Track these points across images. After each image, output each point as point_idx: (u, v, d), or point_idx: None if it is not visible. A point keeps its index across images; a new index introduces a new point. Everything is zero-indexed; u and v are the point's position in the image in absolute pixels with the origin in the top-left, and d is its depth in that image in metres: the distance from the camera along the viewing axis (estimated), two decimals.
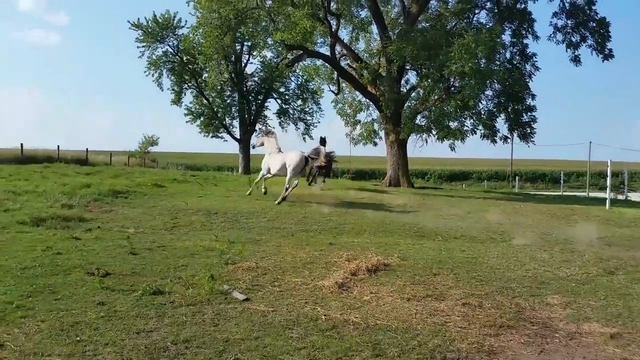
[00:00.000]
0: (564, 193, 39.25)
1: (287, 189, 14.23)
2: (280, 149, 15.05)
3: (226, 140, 42.24)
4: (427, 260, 7.76)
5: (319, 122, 44.85)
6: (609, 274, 7.37)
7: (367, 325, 4.81)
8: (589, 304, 5.77)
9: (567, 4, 22.44)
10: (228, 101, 41.06)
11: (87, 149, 31.69)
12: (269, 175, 15.02)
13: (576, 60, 22.84)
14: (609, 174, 18.16)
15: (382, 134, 26.01)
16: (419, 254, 8.26)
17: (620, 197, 26.54)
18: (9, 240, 8.01)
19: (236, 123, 41.25)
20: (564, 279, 6.97)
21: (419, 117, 22.65)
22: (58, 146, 29.31)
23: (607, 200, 18.04)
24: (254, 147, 16.23)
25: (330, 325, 4.75)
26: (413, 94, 24.56)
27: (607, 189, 18.59)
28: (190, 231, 9.85)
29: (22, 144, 26.47)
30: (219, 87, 38.55)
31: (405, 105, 24.07)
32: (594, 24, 21.71)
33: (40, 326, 4.50)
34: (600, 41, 21.70)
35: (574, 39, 22.47)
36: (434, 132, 21.60)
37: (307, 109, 42.09)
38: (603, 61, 22.00)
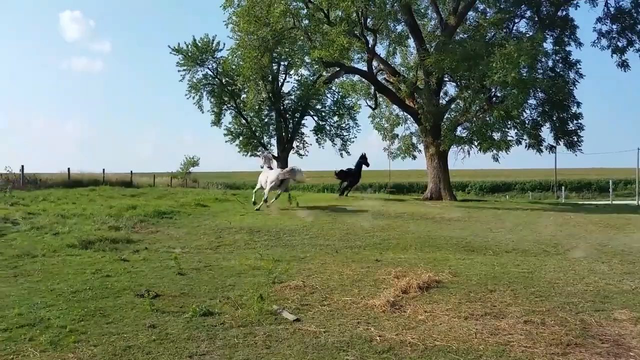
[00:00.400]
0: (614, 202, 37.60)
1: (265, 200, 16.30)
2: (270, 167, 17.60)
3: None
4: (480, 276, 7.45)
5: (356, 138, 44.84)
6: None
7: (425, 346, 4.59)
8: None
9: (611, 9, 21.67)
10: (266, 120, 41.59)
11: (131, 171, 32.45)
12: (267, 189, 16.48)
13: (624, 65, 21.96)
14: (637, 179, 17.21)
15: (420, 147, 25.63)
16: (471, 270, 7.95)
17: None
18: (60, 263, 8.19)
19: (274, 141, 41.68)
20: (629, 293, 6.54)
21: (459, 128, 22.20)
22: (103, 169, 30.13)
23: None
24: (261, 167, 17.79)
25: (386, 347, 4.56)
26: (453, 106, 24.14)
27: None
28: (234, 250, 9.85)
29: (69, 169, 27.33)
30: (257, 107, 39.11)
31: (445, 117, 23.68)
32: None
33: (94, 351, 4.49)
34: None
35: (620, 44, 21.63)
36: (475, 144, 21.11)
37: (343, 125, 42.10)
38: None
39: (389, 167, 29.61)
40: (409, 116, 25.48)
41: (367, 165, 21.24)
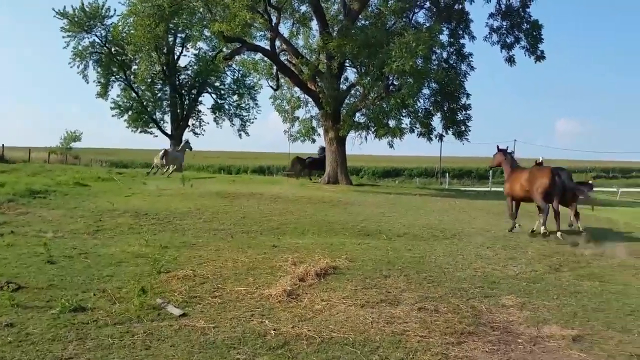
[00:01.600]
0: (492, 189, 40.84)
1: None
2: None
3: (156, 136, 40.44)
4: (375, 262, 7.43)
5: (256, 119, 43.88)
6: (555, 271, 7.37)
7: (321, 339, 4.35)
8: (543, 304, 5.63)
9: (502, 6, 23.06)
10: (159, 95, 39.29)
11: (2, 144, 28.93)
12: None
13: (511, 60, 23.58)
14: None
15: (321, 131, 25.72)
16: (367, 255, 7.92)
17: None
18: None
19: (168, 118, 39.53)
20: (514, 278, 6.86)
21: (358, 114, 22.53)
22: None
23: None
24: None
25: (280, 342, 4.25)
26: (352, 91, 24.42)
27: None
28: (116, 235, 8.96)
29: None
30: (149, 80, 36.79)
31: (345, 102, 23.88)
32: (528, 26, 22.47)
33: None
34: (532, 43, 22.49)
35: (508, 40, 23.16)
36: (372, 130, 21.54)
37: (243, 105, 41.05)
38: (535, 62, 22.85)
39: (288, 149, 29.35)
40: (310, 99, 25.38)
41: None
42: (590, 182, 15.98)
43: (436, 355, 4.13)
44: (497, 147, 12.42)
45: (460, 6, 23.51)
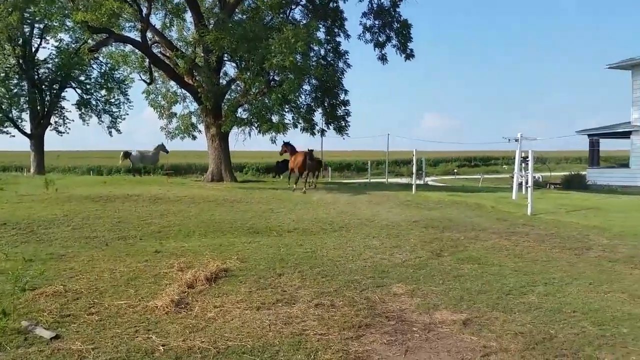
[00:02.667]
0: (371, 180, 42.78)
1: None
2: None
3: (13, 136, 36.09)
4: (268, 260, 7.24)
5: (127, 114, 41.06)
6: (437, 256, 7.77)
7: (217, 350, 4.05)
8: (431, 290, 5.87)
9: (374, 5, 23.98)
10: (15, 90, 35.01)
11: None
12: None
13: (383, 58, 24.67)
14: (414, 161, 20.02)
15: (201, 127, 24.80)
16: (258, 253, 7.70)
17: (419, 181, 29.74)
18: None
19: (26, 116, 35.44)
20: (400, 266, 7.10)
21: (240, 110, 22.04)
22: None
23: (414, 186, 19.89)
24: None
25: (172, 358, 3.88)
26: (233, 87, 23.84)
27: (414, 175, 20.49)
28: None
29: None
30: (2, 75, 32.71)
31: (226, 97, 23.25)
32: (398, 25, 23.65)
33: None
34: (403, 42, 23.74)
35: (380, 39, 24.18)
36: (255, 125, 21.23)
37: (112, 100, 38.14)
38: (405, 60, 24.13)
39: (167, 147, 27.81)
40: (188, 94, 24.32)
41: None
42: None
43: (337, 352, 4.06)
44: (283, 142, 20.84)
45: (335, 4, 24.07)
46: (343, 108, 23.86)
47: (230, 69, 25.15)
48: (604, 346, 4.20)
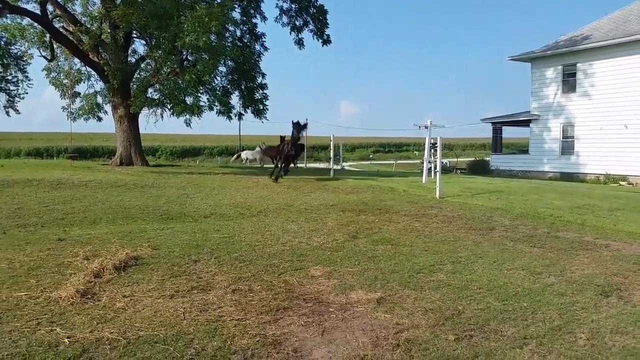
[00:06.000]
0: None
1: None
2: None
3: None
4: (182, 247, 7.00)
5: (27, 93, 37.64)
6: (353, 238, 7.93)
7: (127, 340, 3.84)
8: (347, 271, 5.98)
9: None
10: None
11: None
12: None
13: (300, 43, 24.60)
14: (332, 147, 20.29)
15: (107, 107, 23.39)
16: (172, 240, 7.42)
17: (337, 167, 30.27)
18: None
19: None
20: (319, 249, 7.17)
21: (151, 90, 21.03)
22: None
23: (331, 171, 20.19)
24: None
25: (77, 351, 3.62)
26: (143, 65, 22.65)
27: (331, 160, 20.77)
28: None
29: None
30: None
31: (135, 76, 22.06)
32: (314, 10, 23.63)
33: None
34: (319, 27, 23.79)
35: (297, 23, 24.07)
36: (168, 107, 20.37)
37: (9, 77, 34.80)
38: (323, 46, 24.25)
39: (70, 129, 25.93)
40: (93, 72, 22.81)
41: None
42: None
43: (254, 337, 4.01)
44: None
45: None
46: (261, 91, 23.56)
47: (139, 46, 24.06)
48: (507, 320, 4.50)
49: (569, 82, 28.70)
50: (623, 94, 25.48)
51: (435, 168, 16.05)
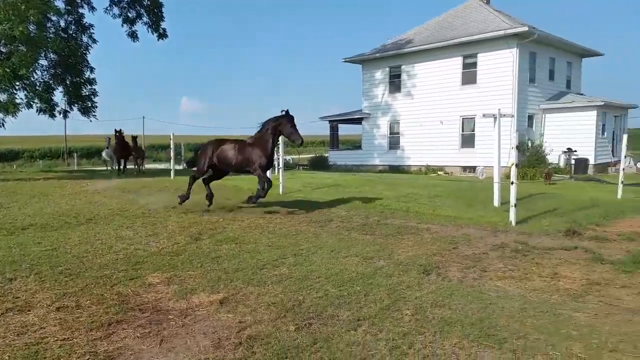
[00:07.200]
0: (129, 166, 40.05)
1: None
2: None
3: None
4: None
5: None
6: (195, 240, 7.72)
7: None
8: (189, 274, 5.79)
9: None
10: None
11: None
12: None
13: (133, 36, 23.10)
14: (172, 146, 19.47)
15: None
16: None
17: (178, 167, 29.19)
18: None
19: None
20: (157, 254, 6.83)
21: None
22: None
23: (172, 171, 19.39)
24: None
25: None
26: None
27: (172, 160, 19.92)
28: None
29: None
30: None
31: None
32: (149, 2, 22.37)
33: None
34: (155, 20, 22.59)
35: (130, 15, 22.56)
36: None
37: None
38: (158, 40, 23.08)
39: None
40: None
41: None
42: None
43: (83, 356, 3.67)
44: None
45: None
46: (89, 87, 21.65)
47: None
48: (342, 304, 4.77)
49: (395, 82, 31.51)
50: (439, 93, 28.79)
51: (278, 165, 16.39)
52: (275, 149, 20.08)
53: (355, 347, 3.80)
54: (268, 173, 10.92)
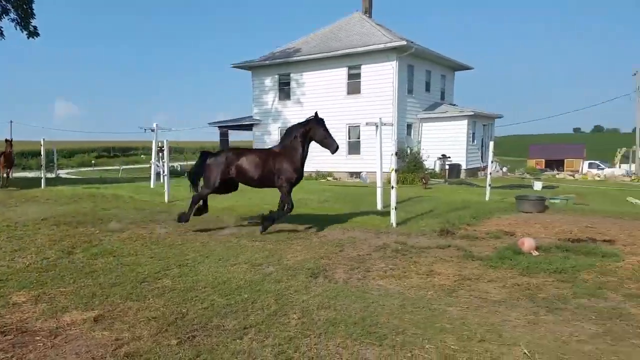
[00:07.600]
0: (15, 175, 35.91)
1: None
2: None
3: None
4: None
5: None
6: (68, 254, 7.13)
7: None
8: (60, 292, 5.32)
9: None
10: None
11: None
12: None
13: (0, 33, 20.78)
14: (42, 152, 17.81)
15: None
16: None
17: (50, 175, 26.77)
18: None
19: None
20: (24, 271, 6.20)
21: None
22: None
23: (43, 180, 17.74)
24: None
25: None
26: None
27: (42, 168, 18.22)
28: None
29: None
30: None
31: None
32: None
33: None
34: (24, 16, 20.49)
35: None
36: None
37: None
38: (28, 38, 20.91)
39: None
40: None
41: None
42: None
43: None
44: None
45: None
46: None
47: None
48: (229, 314, 4.68)
49: (285, 90, 31.84)
50: (327, 101, 29.59)
51: (163, 172, 15.71)
52: (161, 155, 19.31)
53: (241, 356, 3.75)
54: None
